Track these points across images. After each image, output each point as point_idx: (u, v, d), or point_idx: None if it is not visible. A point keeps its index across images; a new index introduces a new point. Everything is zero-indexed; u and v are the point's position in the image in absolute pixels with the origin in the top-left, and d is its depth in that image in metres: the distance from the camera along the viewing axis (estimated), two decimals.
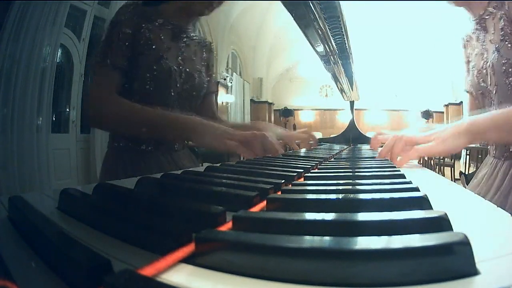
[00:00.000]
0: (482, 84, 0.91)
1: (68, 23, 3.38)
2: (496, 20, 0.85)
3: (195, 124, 0.86)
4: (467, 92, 1.04)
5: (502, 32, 0.82)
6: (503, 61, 0.82)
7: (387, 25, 7.49)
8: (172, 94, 0.97)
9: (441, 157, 4.93)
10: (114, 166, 0.96)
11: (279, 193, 0.38)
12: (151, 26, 0.95)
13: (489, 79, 0.88)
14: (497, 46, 0.84)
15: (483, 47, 0.91)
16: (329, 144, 2.27)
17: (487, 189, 0.88)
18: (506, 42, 0.82)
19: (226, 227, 0.26)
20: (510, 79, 0.81)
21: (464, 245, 0.17)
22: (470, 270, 0.17)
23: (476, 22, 0.93)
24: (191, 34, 1.08)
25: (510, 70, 0.81)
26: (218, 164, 0.68)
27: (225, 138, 0.83)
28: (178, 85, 0.98)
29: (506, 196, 0.79)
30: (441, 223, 0.22)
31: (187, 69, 1.01)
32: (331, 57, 1.84)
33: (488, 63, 0.87)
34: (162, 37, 0.97)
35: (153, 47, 0.94)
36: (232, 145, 0.83)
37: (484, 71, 0.90)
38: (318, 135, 6.91)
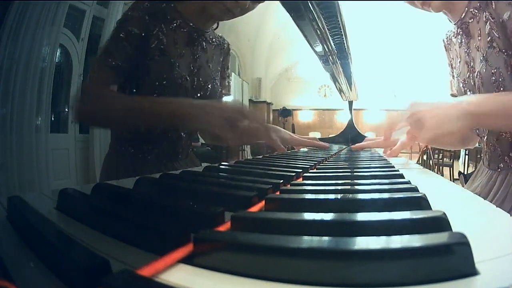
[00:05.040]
0: (470, 94, 0.84)
1: (67, 23, 3.37)
2: (482, 24, 0.77)
3: (189, 104, 0.76)
4: (452, 96, 0.97)
5: (489, 37, 0.74)
6: (493, 71, 0.74)
7: (386, 25, 7.49)
8: None
9: (440, 157, 4.93)
10: (114, 173, 0.91)
11: (278, 193, 0.38)
12: (165, 28, 0.86)
13: (477, 90, 0.81)
14: (484, 54, 0.76)
15: (468, 55, 0.84)
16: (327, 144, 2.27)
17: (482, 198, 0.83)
18: (495, 49, 0.73)
19: (225, 227, 0.26)
20: (501, 89, 0.73)
21: (463, 245, 0.17)
22: (469, 270, 0.17)
23: (458, 26, 0.85)
24: (210, 37, 0.99)
25: (500, 80, 0.73)
26: (216, 164, 0.68)
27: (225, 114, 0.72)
28: (188, 96, 0.90)
29: (500, 205, 0.77)
30: (440, 223, 0.22)
31: (201, 79, 0.93)
32: (330, 57, 1.84)
33: (476, 73, 0.80)
34: (177, 41, 0.89)
35: (166, 52, 0.86)
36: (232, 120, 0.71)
37: (471, 81, 0.82)
38: (317, 135, 6.92)
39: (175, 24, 0.89)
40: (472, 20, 0.81)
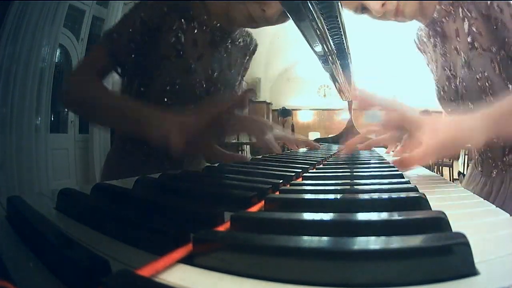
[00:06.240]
0: (452, 103, 0.75)
1: (67, 23, 3.37)
2: (459, 23, 0.67)
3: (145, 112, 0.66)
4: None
5: (470, 37, 0.64)
6: (477, 76, 0.64)
7: (385, 24, 7.48)
8: None
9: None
10: (118, 169, 0.85)
11: (277, 193, 0.37)
12: (186, 25, 0.76)
13: (460, 99, 0.71)
14: (466, 58, 0.66)
15: (445, 59, 0.75)
16: (327, 144, 2.27)
17: None
18: (477, 49, 0.63)
19: (224, 227, 0.25)
20: (490, 95, 0.63)
21: (463, 245, 0.17)
22: (469, 270, 0.17)
23: (429, 27, 0.76)
24: (236, 37, 0.89)
25: (488, 84, 0.63)
26: (216, 164, 0.68)
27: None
28: (201, 102, 0.79)
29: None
30: (440, 223, 0.22)
31: (219, 85, 0.83)
32: (330, 57, 1.84)
33: (458, 80, 0.70)
34: (198, 42, 0.78)
35: (184, 53, 0.76)
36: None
37: (453, 89, 0.73)
38: (316, 135, 6.90)
39: (197, 21, 0.79)
40: (447, 18, 0.71)
